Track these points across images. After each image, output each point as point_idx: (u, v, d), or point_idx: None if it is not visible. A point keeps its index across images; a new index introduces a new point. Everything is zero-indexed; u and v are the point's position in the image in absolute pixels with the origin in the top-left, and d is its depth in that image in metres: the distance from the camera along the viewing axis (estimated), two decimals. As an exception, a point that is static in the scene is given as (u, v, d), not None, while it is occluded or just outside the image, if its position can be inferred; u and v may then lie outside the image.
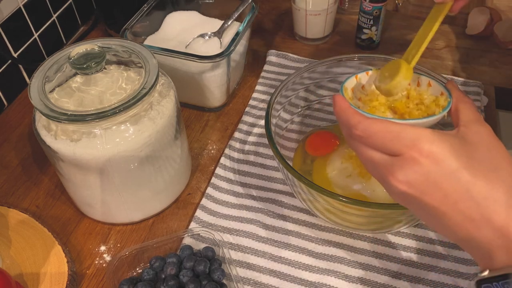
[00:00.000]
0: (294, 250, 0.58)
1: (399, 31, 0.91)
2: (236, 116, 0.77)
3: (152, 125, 0.54)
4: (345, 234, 0.59)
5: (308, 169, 0.64)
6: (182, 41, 0.75)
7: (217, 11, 0.81)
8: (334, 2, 0.84)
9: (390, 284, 0.55)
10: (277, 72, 0.83)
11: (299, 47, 0.89)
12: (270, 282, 0.55)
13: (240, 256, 0.58)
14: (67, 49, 0.56)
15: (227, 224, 0.61)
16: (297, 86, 0.65)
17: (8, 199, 0.66)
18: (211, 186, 0.65)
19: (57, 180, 0.67)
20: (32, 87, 0.52)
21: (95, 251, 0.60)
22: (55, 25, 0.87)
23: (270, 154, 0.69)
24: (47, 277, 0.55)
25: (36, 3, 0.80)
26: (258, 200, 0.63)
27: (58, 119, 0.49)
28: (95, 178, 0.55)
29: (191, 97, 0.76)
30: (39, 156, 0.71)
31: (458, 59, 0.85)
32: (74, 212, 0.64)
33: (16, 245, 0.58)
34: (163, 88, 0.57)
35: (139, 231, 0.62)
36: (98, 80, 0.54)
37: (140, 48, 0.57)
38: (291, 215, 0.61)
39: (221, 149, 0.71)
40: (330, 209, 0.54)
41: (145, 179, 0.58)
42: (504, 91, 0.79)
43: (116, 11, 0.89)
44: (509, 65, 0.83)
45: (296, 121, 0.67)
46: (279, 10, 0.99)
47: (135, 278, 0.55)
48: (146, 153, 0.54)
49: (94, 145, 0.51)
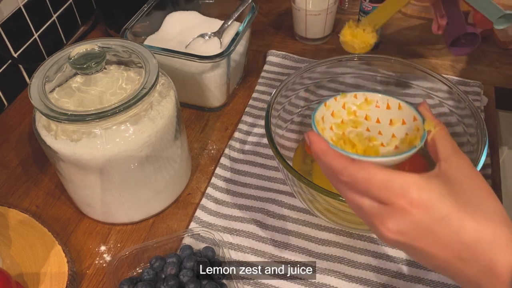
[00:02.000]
0: (294, 250, 0.58)
1: (399, 31, 0.91)
2: (236, 116, 0.77)
3: (152, 125, 0.54)
4: (345, 234, 0.59)
5: (308, 169, 0.64)
6: (182, 41, 0.75)
7: (217, 11, 0.81)
8: (334, 2, 0.84)
9: (390, 284, 0.55)
10: (277, 72, 0.83)
11: (299, 47, 0.89)
12: (270, 282, 0.55)
13: (240, 256, 0.58)
14: (67, 49, 0.56)
15: (227, 224, 0.61)
16: (297, 86, 0.65)
17: (8, 199, 0.66)
18: (211, 186, 0.65)
19: (57, 180, 0.67)
20: (32, 87, 0.52)
21: (95, 251, 0.60)
22: (55, 25, 0.87)
23: (270, 154, 0.69)
24: (47, 277, 0.55)
25: (36, 3, 0.80)
26: (258, 200, 0.63)
27: (58, 119, 0.49)
28: (95, 178, 0.55)
29: (191, 97, 0.76)
30: (39, 156, 0.71)
31: (458, 59, 0.85)
32: (74, 212, 0.64)
33: (16, 245, 0.58)
34: (163, 88, 0.57)
35: (139, 231, 0.62)
36: (98, 80, 0.54)
37: (140, 48, 0.57)
38: (291, 215, 0.61)
39: (221, 149, 0.71)
40: (330, 209, 0.54)
41: (145, 179, 0.58)
42: (504, 91, 0.79)
43: (116, 11, 0.89)
44: (509, 65, 0.83)
45: (296, 121, 0.67)
46: (279, 10, 0.99)
47: (135, 278, 0.55)
48: (146, 153, 0.54)
49: (94, 145, 0.51)
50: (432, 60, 0.85)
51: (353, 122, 0.50)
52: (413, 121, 0.47)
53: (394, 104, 0.49)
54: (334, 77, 0.66)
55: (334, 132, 0.49)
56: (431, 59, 0.85)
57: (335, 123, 0.50)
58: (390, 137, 0.48)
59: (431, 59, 0.85)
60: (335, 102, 0.50)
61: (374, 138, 0.48)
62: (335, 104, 0.50)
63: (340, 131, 0.49)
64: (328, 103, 0.50)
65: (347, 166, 0.38)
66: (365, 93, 0.50)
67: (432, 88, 0.62)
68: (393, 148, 0.47)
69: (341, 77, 0.67)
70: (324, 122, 0.49)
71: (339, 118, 0.50)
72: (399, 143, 0.47)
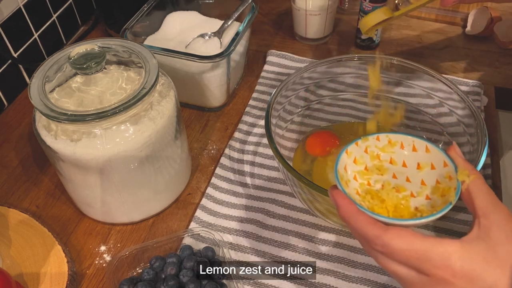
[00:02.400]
0: (294, 250, 0.58)
1: (399, 31, 0.91)
2: (236, 116, 0.77)
3: (152, 125, 0.54)
4: (345, 234, 0.59)
5: (308, 169, 0.64)
6: (182, 41, 0.75)
7: (217, 11, 0.81)
8: (334, 2, 0.84)
9: (390, 284, 0.55)
10: (277, 72, 0.83)
11: (299, 47, 0.89)
12: (270, 282, 0.55)
13: (240, 256, 0.58)
14: (67, 49, 0.56)
15: (227, 224, 0.61)
16: (297, 86, 0.65)
17: (8, 199, 0.66)
18: (211, 186, 0.65)
19: (57, 180, 0.67)
20: (32, 87, 0.52)
21: (95, 251, 0.60)
22: (55, 25, 0.87)
23: (270, 154, 0.69)
24: (47, 277, 0.55)
25: (36, 3, 0.80)
26: (258, 200, 0.63)
27: (58, 119, 0.49)
28: (95, 178, 0.55)
29: (191, 97, 0.76)
30: (39, 156, 0.71)
31: (458, 59, 0.85)
32: (74, 212, 0.64)
33: (16, 245, 0.58)
34: (163, 88, 0.57)
35: (139, 231, 0.62)
36: (98, 80, 0.54)
37: (140, 48, 0.57)
38: (291, 215, 0.61)
39: (221, 149, 0.71)
40: (330, 209, 0.54)
41: (145, 179, 0.58)
42: (504, 91, 0.79)
43: (116, 11, 0.89)
44: (509, 65, 0.83)
45: (296, 121, 0.67)
46: (279, 10, 0.99)
47: (135, 278, 0.55)
48: (146, 153, 0.54)
49: (94, 145, 0.51)
50: (432, 60, 0.85)
51: (378, 168, 0.46)
52: (443, 167, 0.43)
53: (420, 146, 0.45)
54: (334, 77, 0.66)
55: (359, 183, 0.45)
56: (431, 59, 0.85)
57: (359, 171, 0.46)
58: (419, 185, 0.44)
59: (431, 59, 0.85)
60: (356, 148, 0.46)
61: (403, 188, 0.44)
62: (357, 149, 0.46)
63: (365, 180, 0.46)
64: (350, 150, 0.46)
65: (381, 234, 0.35)
66: (388, 134, 0.46)
67: (432, 88, 0.62)
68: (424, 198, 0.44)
69: (341, 77, 0.67)
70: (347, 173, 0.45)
71: (362, 165, 0.46)
72: (430, 192, 0.44)
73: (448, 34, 0.90)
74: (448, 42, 0.88)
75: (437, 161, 0.44)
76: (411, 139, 0.45)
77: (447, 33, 0.90)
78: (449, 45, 0.87)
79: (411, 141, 0.45)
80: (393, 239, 0.35)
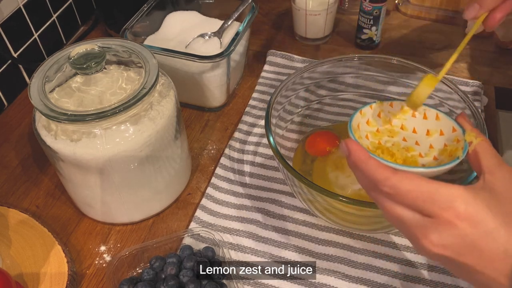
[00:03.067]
0: (294, 250, 0.58)
1: (399, 31, 0.91)
2: (236, 116, 0.77)
3: (152, 125, 0.54)
4: (345, 234, 0.59)
5: (308, 169, 0.64)
6: (182, 41, 0.75)
7: (217, 11, 0.81)
8: (334, 2, 0.84)
9: (390, 284, 0.55)
10: (277, 72, 0.83)
11: (299, 47, 0.89)
12: (270, 282, 0.55)
13: (240, 256, 0.58)
14: (67, 49, 0.56)
15: (227, 224, 0.61)
16: (297, 86, 0.65)
17: (8, 199, 0.66)
18: (211, 186, 0.65)
19: (57, 180, 0.67)
20: (32, 87, 0.52)
21: (95, 251, 0.60)
22: (55, 25, 0.87)
23: (270, 154, 0.69)
24: (47, 277, 0.55)
25: (36, 3, 0.80)
26: (258, 200, 0.63)
27: (58, 119, 0.49)
28: (95, 178, 0.55)
29: (191, 97, 0.76)
30: (39, 156, 0.71)
31: (458, 59, 0.84)
32: (74, 212, 0.64)
33: (16, 245, 0.58)
34: (163, 88, 0.57)
35: (139, 231, 0.62)
36: (98, 80, 0.54)
37: (140, 48, 0.57)
38: (291, 215, 0.61)
39: (221, 149, 0.71)
40: (330, 209, 0.54)
41: (145, 179, 0.58)
42: (504, 91, 0.79)
43: (116, 11, 0.89)
44: (509, 65, 0.83)
45: (296, 121, 0.67)
46: (279, 10, 0.99)
47: (135, 278, 0.55)
48: (146, 153, 0.54)
49: (94, 145, 0.51)
50: (432, 60, 0.85)
51: (389, 131, 0.48)
52: (452, 132, 0.45)
53: (431, 114, 0.48)
54: (334, 77, 0.66)
55: (370, 141, 0.47)
56: (431, 59, 0.85)
57: (371, 132, 0.48)
58: (428, 148, 0.46)
59: (431, 59, 0.85)
60: (370, 110, 0.48)
61: (412, 148, 0.46)
62: (370, 112, 0.48)
63: (376, 140, 0.47)
64: (364, 111, 0.48)
65: (389, 176, 0.36)
66: (401, 102, 0.48)
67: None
68: (431, 159, 0.45)
69: (341, 77, 0.67)
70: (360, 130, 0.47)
71: (374, 127, 0.48)
72: (438, 153, 0.45)
73: (448, 34, 0.90)
74: (448, 42, 0.88)
75: (446, 127, 0.46)
76: (423, 108, 0.47)
77: (447, 33, 0.90)
78: (449, 45, 0.87)
79: (422, 110, 0.48)
80: (401, 180, 0.36)
